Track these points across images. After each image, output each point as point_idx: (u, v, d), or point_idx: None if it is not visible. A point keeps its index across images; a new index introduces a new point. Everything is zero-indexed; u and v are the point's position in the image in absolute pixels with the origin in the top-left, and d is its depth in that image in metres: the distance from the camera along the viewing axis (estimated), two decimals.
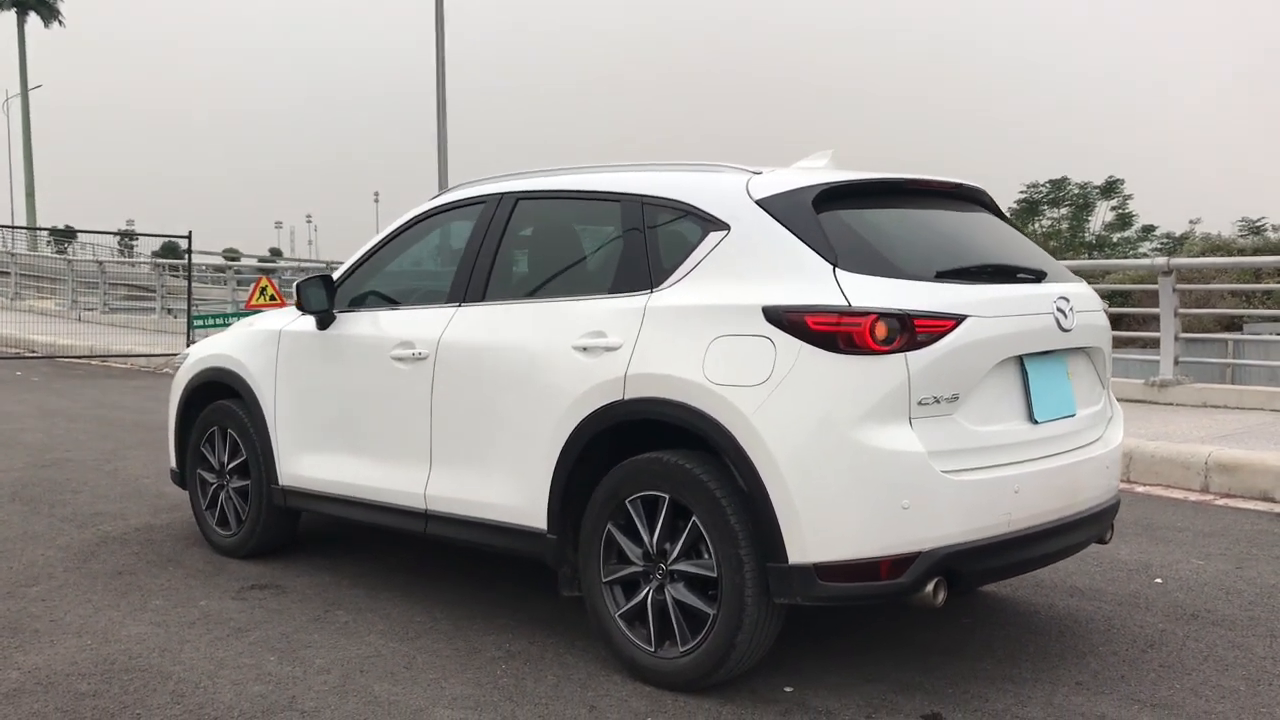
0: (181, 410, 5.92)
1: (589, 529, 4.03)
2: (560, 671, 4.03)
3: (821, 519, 3.49)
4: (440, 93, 19.75)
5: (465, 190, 4.92)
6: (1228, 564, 5.52)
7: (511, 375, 4.27)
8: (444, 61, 19.64)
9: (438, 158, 19.83)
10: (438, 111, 19.81)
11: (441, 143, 19.84)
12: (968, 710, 3.66)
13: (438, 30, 19.69)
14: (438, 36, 19.72)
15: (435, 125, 19.77)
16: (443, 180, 19.83)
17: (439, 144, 19.87)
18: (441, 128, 19.77)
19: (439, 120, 19.84)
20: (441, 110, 19.80)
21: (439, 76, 19.66)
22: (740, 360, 3.63)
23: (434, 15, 19.74)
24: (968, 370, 3.60)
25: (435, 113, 19.77)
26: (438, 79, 19.64)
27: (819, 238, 3.69)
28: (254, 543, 5.53)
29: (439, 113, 19.83)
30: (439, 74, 19.70)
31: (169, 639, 4.42)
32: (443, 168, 19.90)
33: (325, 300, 5.04)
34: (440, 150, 19.83)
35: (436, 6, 19.74)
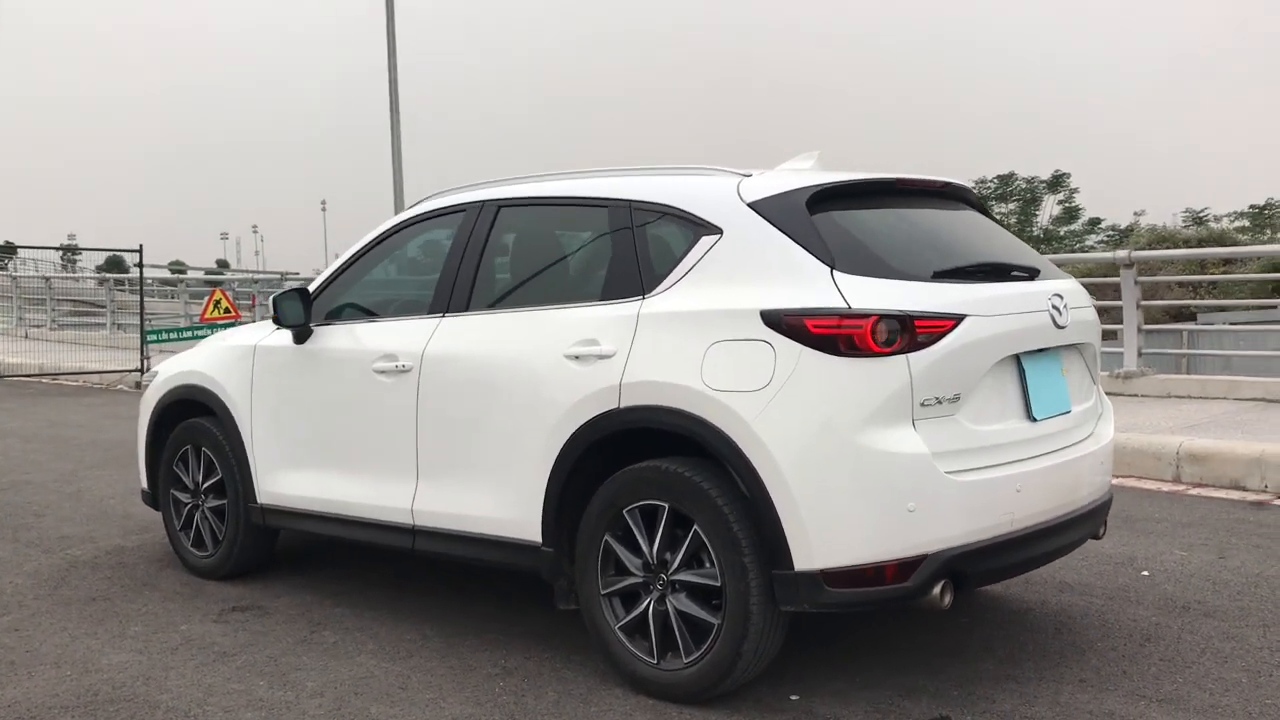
0: (152, 429, 5.78)
1: (585, 540, 3.96)
2: (560, 687, 3.96)
3: (827, 524, 3.45)
4: (393, 95, 19.50)
5: (444, 199, 4.83)
6: (1210, 554, 5.55)
7: (500, 386, 4.19)
8: (395, 61, 19.40)
9: (392, 166, 19.62)
10: (391, 120, 19.60)
11: (396, 151, 19.64)
12: (975, 712, 3.64)
13: (388, 31, 19.48)
14: (388, 37, 19.50)
15: (389, 134, 19.58)
16: (398, 188, 19.66)
17: (393, 152, 19.66)
18: (395, 136, 19.57)
19: (393, 127, 19.63)
20: (395, 116, 19.58)
21: (391, 81, 19.44)
22: (740, 365, 3.58)
23: (384, 19, 19.53)
24: (968, 370, 3.58)
25: (389, 120, 19.58)
26: (390, 85, 19.43)
27: (815, 240, 3.65)
28: (232, 563, 5.41)
29: (392, 120, 19.62)
30: (391, 79, 19.47)
31: (152, 666, 4.30)
32: (397, 177, 19.69)
33: (302, 314, 4.93)
34: (395, 157, 19.62)
35: (387, 10, 19.52)
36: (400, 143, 19.63)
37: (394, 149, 19.74)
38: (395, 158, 19.64)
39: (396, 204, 19.62)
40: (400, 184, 19.71)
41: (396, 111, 19.43)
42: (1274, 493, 7.00)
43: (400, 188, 19.71)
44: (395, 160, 19.64)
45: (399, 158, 19.74)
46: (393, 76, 19.46)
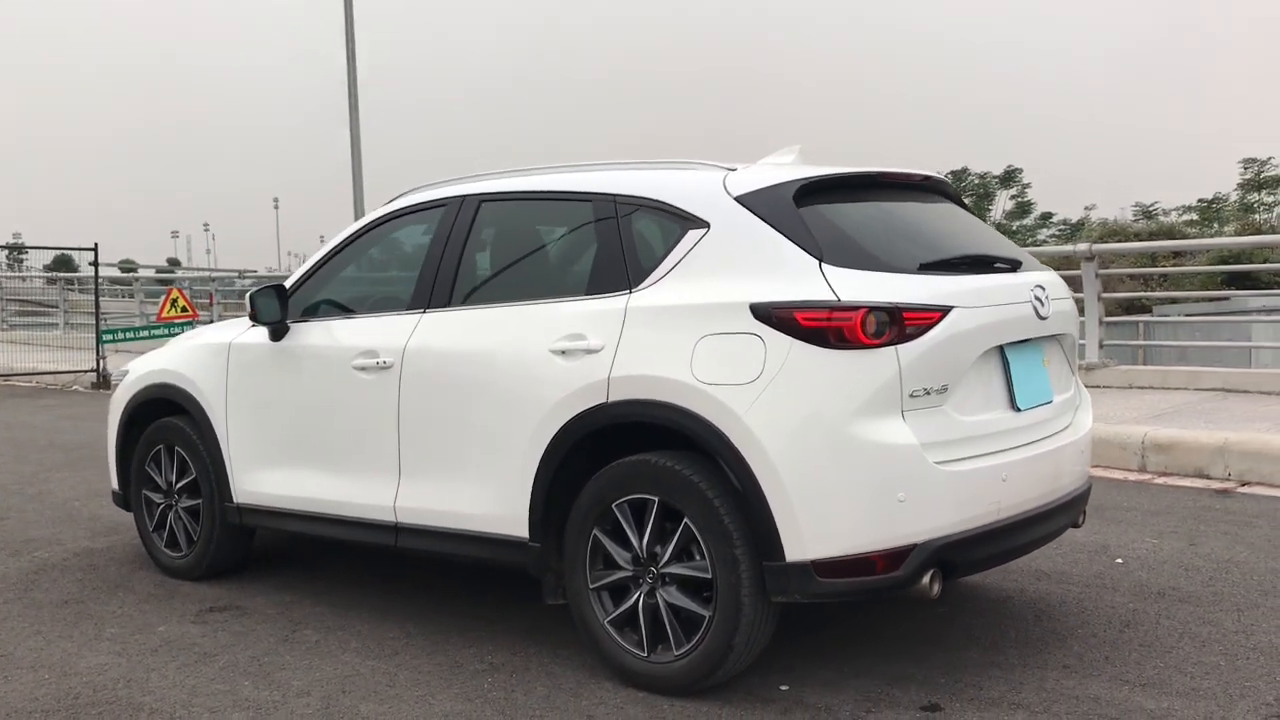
0: (123, 429, 5.70)
1: (573, 535, 3.96)
2: (549, 682, 3.96)
3: (818, 515, 3.47)
4: (351, 84, 19.29)
5: (423, 194, 4.80)
6: (1180, 541, 5.64)
7: (485, 381, 4.17)
8: (354, 54, 19.20)
9: (351, 163, 19.43)
10: (350, 115, 19.42)
11: (355, 147, 19.46)
12: (964, 700, 3.67)
13: (347, 22, 19.28)
14: (347, 29, 19.29)
15: (349, 132, 19.40)
16: (357, 183, 19.48)
17: (352, 149, 19.49)
18: (355, 131, 19.39)
19: (351, 123, 19.45)
20: (354, 112, 19.40)
21: (350, 72, 19.24)
22: (729, 358, 3.59)
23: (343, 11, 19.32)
24: (955, 361, 3.61)
25: (348, 115, 19.40)
26: (349, 76, 19.24)
27: (802, 233, 3.67)
28: (207, 563, 5.35)
29: (351, 116, 19.44)
30: (350, 70, 19.26)
31: (132, 668, 4.25)
32: (357, 171, 19.52)
33: (278, 310, 4.88)
34: (354, 154, 19.44)
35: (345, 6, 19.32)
36: (360, 141, 19.47)
37: (353, 147, 19.55)
38: (354, 152, 19.45)
39: (356, 198, 19.44)
40: (360, 178, 19.53)
41: (355, 111, 19.23)
42: (1237, 480, 7.12)
43: (359, 182, 19.52)
44: (354, 156, 19.46)
45: (358, 157, 19.55)
46: (351, 67, 19.26)
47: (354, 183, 19.34)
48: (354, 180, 19.35)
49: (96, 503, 7.38)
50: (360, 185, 19.47)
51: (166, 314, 17.16)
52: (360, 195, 19.35)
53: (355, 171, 19.45)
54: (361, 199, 19.38)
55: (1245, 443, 7.27)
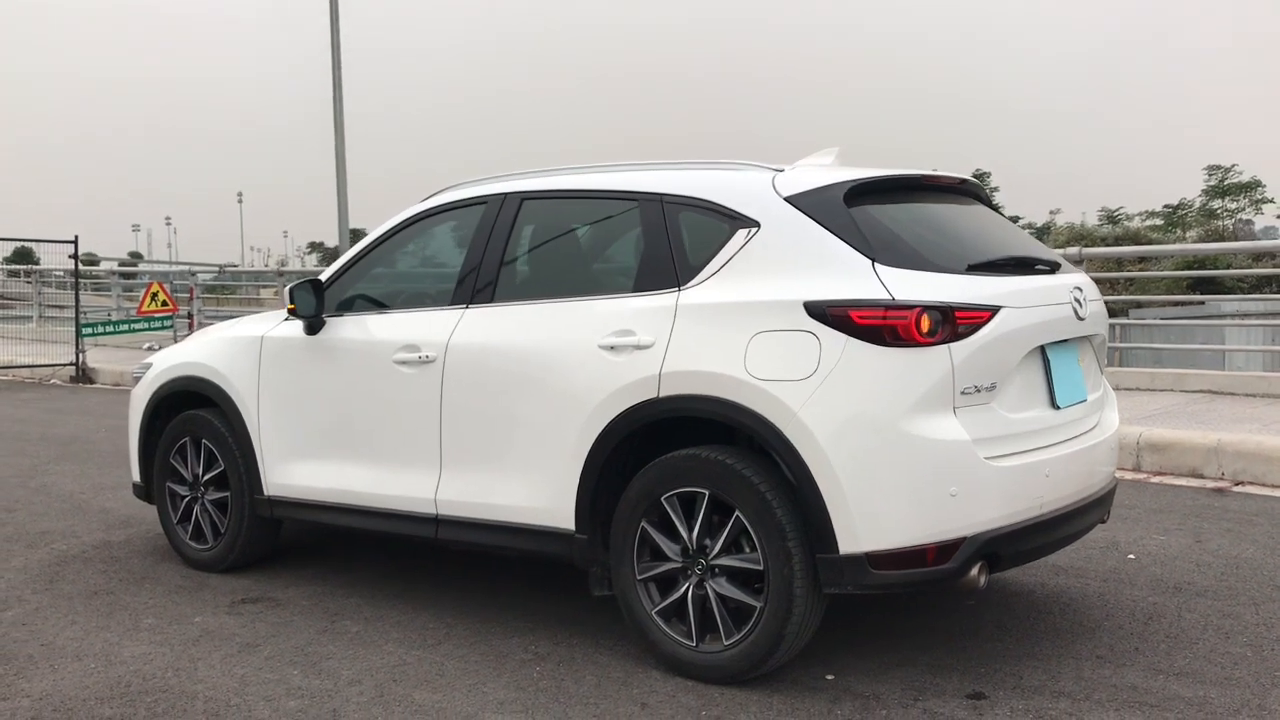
0: (146, 422, 5.71)
1: (621, 527, 4.03)
2: (597, 671, 4.03)
3: (873, 509, 3.57)
4: (336, 77, 19.23)
5: (459, 192, 4.86)
6: (1187, 538, 5.79)
7: (531, 376, 4.24)
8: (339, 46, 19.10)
9: (336, 163, 19.33)
10: (335, 109, 19.35)
11: (340, 144, 19.39)
12: (1006, 688, 3.79)
13: (332, 26, 19.23)
14: (333, 30, 19.24)
15: (333, 131, 19.32)
16: (341, 180, 19.40)
17: (337, 147, 19.41)
18: (339, 124, 19.31)
19: (336, 115, 19.36)
20: (338, 106, 19.32)
21: (335, 73, 19.20)
22: (784, 355, 3.68)
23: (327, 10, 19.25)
24: (1003, 359, 3.72)
25: (332, 109, 19.32)
26: (333, 70, 19.16)
27: (854, 233, 3.77)
28: (235, 555, 5.37)
29: (335, 110, 19.37)
30: (334, 62, 19.19)
31: (177, 657, 4.28)
32: (340, 170, 19.43)
33: (316, 305, 4.93)
34: (339, 151, 19.35)
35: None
36: (344, 138, 19.40)
37: (338, 145, 19.47)
38: (339, 151, 19.38)
39: (339, 195, 19.38)
40: (343, 174, 19.46)
41: (340, 115, 19.13)
42: (1231, 480, 7.30)
43: (343, 178, 19.45)
44: (339, 153, 19.39)
45: (342, 159, 19.45)
46: (336, 67, 19.20)
47: (338, 181, 19.27)
48: (338, 178, 19.27)
49: (105, 496, 7.38)
50: (344, 178, 19.39)
51: (147, 308, 17.06)
52: (344, 187, 19.26)
53: (339, 169, 19.38)
54: (345, 193, 19.31)
55: (1239, 443, 7.46)
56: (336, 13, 19.23)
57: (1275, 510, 6.45)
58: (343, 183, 19.36)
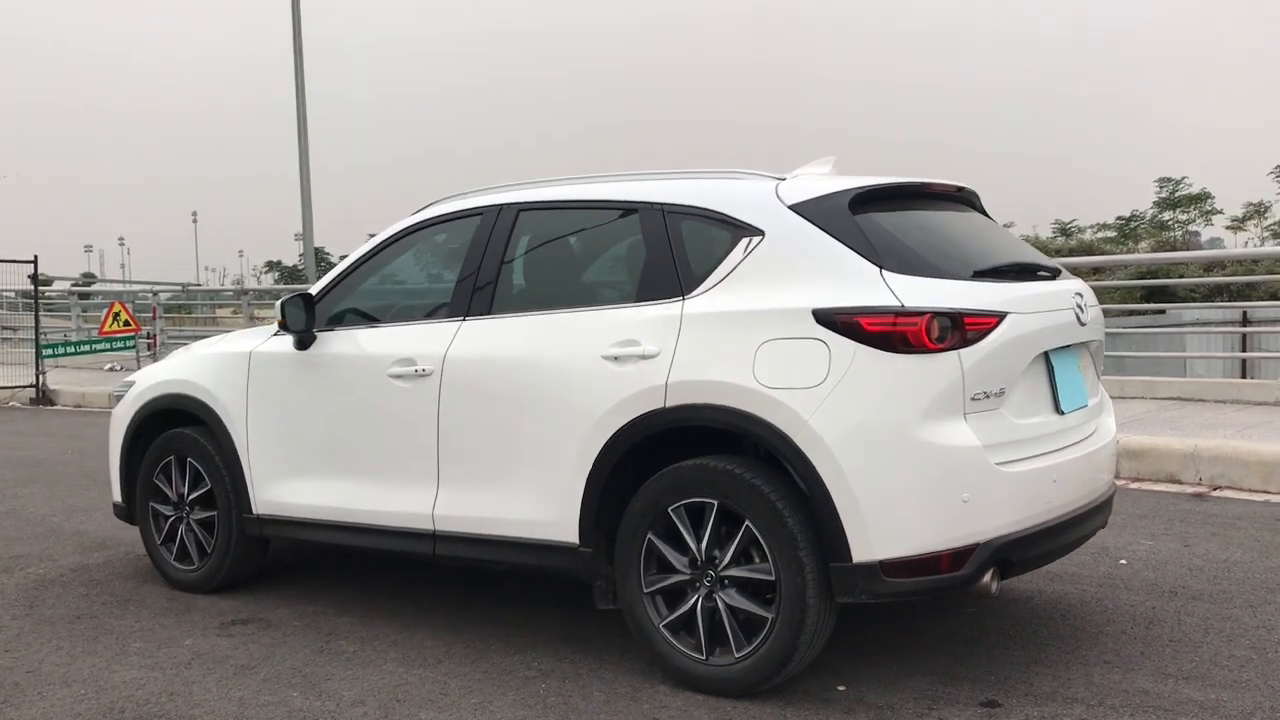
0: (129, 441, 5.59)
1: (626, 539, 3.99)
2: (603, 687, 3.98)
3: (886, 516, 3.55)
4: (300, 99, 19.09)
5: (452, 204, 4.81)
6: (1174, 543, 5.83)
7: (533, 388, 4.19)
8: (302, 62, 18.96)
9: (300, 175, 19.19)
10: (298, 125, 19.19)
11: (304, 158, 19.23)
12: (1019, 695, 3.78)
13: (295, 29, 19.05)
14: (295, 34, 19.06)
15: (296, 140, 19.15)
16: (305, 196, 19.23)
17: (300, 160, 19.26)
18: (303, 140, 19.15)
19: (300, 130, 19.20)
20: (302, 123, 19.17)
21: (298, 80, 19.01)
22: (793, 363, 3.66)
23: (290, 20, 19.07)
24: (1011, 365, 3.72)
25: (295, 125, 19.16)
26: (297, 86, 19.01)
27: (861, 241, 3.76)
28: (222, 576, 5.27)
29: (299, 126, 19.21)
30: (298, 76, 19.02)
31: (171, 681, 4.18)
32: (305, 184, 19.27)
33: (306, 319, 4.85)
34: (303, 169, 19.20)
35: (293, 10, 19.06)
36: (307, 154, 19.25)
37: (302, 167, 19.33)
38: (303, 169, 19.23)
39: (304, 212, 19.22)
40: (308, 192, 19.30)
41: (304, 134, 19.00)
42: (1209, 485, 7.37)
43: (308, 196, 19.29)
44: (304, 171, 19.24)
45: (307, 179, 19.29)
46: (300, 83, 19.05)
47: (302, 199, 19.09)
48: (302, 196, 19.10)
49: (78, 518, 7.23)
50: (308, 196, 19.22)
51: (109, 328, 16.80)
52: (309, 201, 19.09)
53: (304, 189, 19.22)
54: (310, 211, 19.15)
55: (1215, 449, 7.54)
56: (299, 19, 19.11)
57: (1257, 514, 6.51)
58: (307, 200, 19.20)
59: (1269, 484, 7.20)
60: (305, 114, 18.95)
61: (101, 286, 36.60)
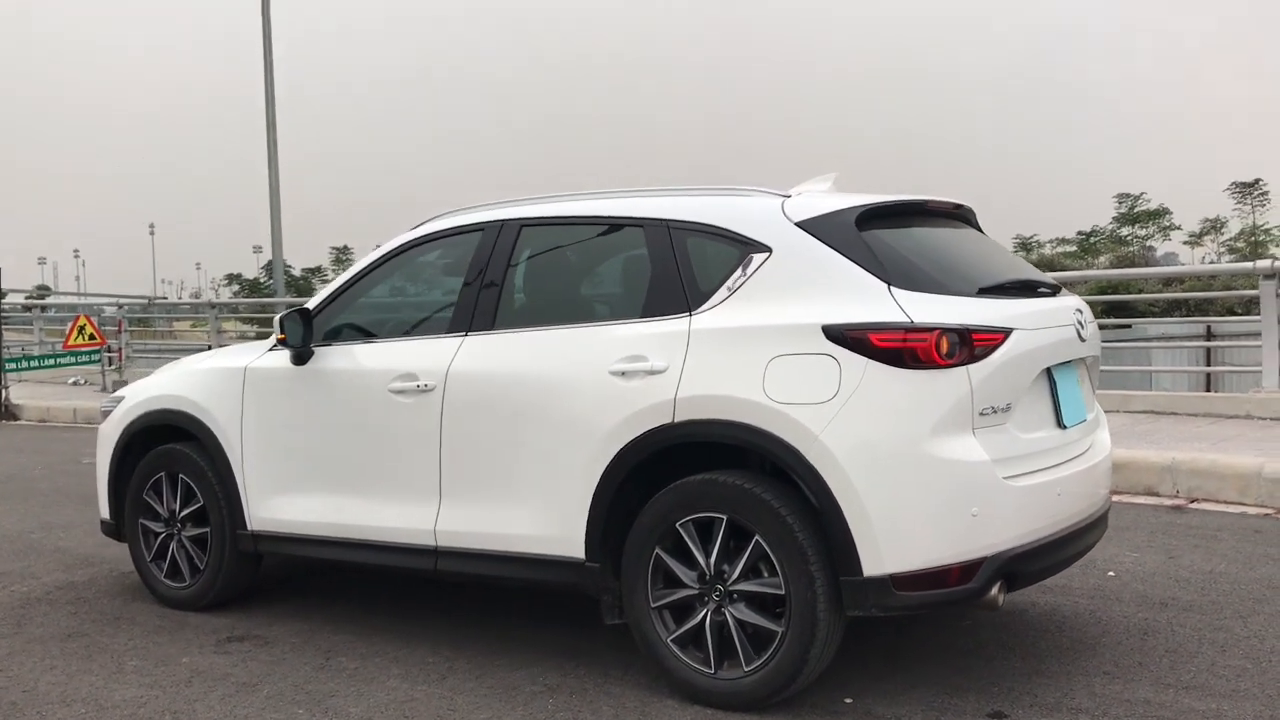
0: (118, 457, 5.53)
1: (633, 554, 4.00)
2: (611, 702, 3.98)
3: (896, 530, 3.59)
4: (270, 107, 18.96)
5: (452, 219, 4.81)
6: (1159, 555, 5.92)
7: (538, 403, 4.20)
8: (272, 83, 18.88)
9: (269, 192, 19.03)
10: (267, 133, 19.06)
11: (273, 171, 19.10)
12: (1024, 706, 3.82)
13: (265, 35, 18.94)
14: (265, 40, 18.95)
15: (265, 152, 19.02)
16: (275, 210, 19.09)
17: (270, 173, 19.13)
18: (272, 150, 19.02)
19: (269, 140, 19.06)
20: (271, 130, 19.03)
21: (268, 88, 18.89)
22: (803, 379, 3.70)
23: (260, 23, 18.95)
24: (1016, 381, 3.78)
25: (265, 135, 19.02)
26: (267, 96, 18.89)
27: (869, 258, 3.80)
28: (215, 593, 5.22)
29: (269, 134, 19.07)
30: (268, 84, 18.90)
31: (172, 700, 4.14)
32: (274, 200, 19.12)
33: (305, 334, 4.83)
34: (272, 187, 19.05)
35: (263, 17, 18.94)
36: (277, 168, 19.13)
37: (271, 176, 19.20)
38: (272, 174, 19.09)
39: (274, 221, 19.07)
40: (277, 204, 19.14)
41: (273, 142, 18.89)
42: (1186, 497, 7.49)
43: (276, 211, 19.15)
44: (272, 181, 19.10)
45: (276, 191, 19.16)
46: (269, 95, 18.94)
47: (271, 210, 18.95)
48: (271, 208, 18.96)
49: (57, 535, 7.14)
50: (277, 206, 19.06)
51: (74, 342, 16.61)
52: (277, 213, 18.93)
53: (273, 199, 19.08)
54: (279, 224, 19.00)
55: (1192, 461, 7.66)
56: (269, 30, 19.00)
57: (1236, 525, 6.62)
58: (276, 210, 19.07)
59: (1245, 496, 7.32)
60: (274, 118, 18.85)
61: (67, 300, 35.97)
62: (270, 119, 18.89)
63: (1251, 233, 69.57)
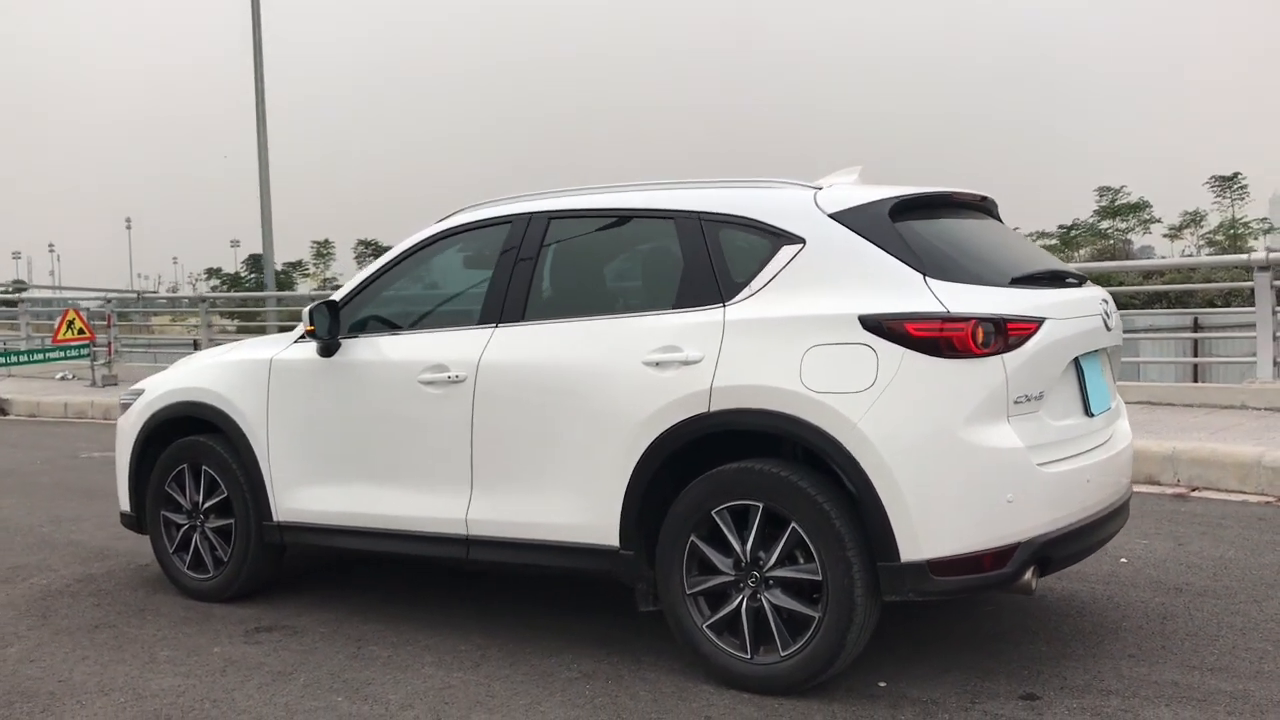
0: (139, 449, 5.54)
1: (667, 542, 4.06)
2: (648, 688, 4.04)
3: (933, 517, 3.65)
4: (260, 103, 18.88)
5: (479, 212, 4.84)
6: (1167, 542, 6.01)
7: (571, 393, 4.25)
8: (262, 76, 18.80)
9: (259, 188, 18.95)
10: (258, 127, 18.98)
11: (263, 166, 19.03)
12: (1055, 688, 3.90)
13: (255, 32, 18.87)
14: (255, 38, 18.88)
15: (255, 143, 18.94)
16: (265, 206, 19.03)
17: (260, 167, 19.06)
18: (262, 135, 18.92)
19: (259, 135, 18.99)
20: (261, 122, 18.93)
21: (258, 84, 18.81)
22: (841, 368, 3.76)
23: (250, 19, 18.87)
24: (1048, 369, 3.85)
25: (255, 130, 18.95)
26: (257, 88, 18.80)
27: (903, 249, 3.86)
28: (239, 584, 5.24)
29: (259, 127, 18.99)
30: (258, 81, 18.82)
31: (211, 689, 4.17)
32: (265, 199, 19.05)
33: (333, 327, 4.86)
34: (262, 180, 18.98)
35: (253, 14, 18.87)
36: (267, 160, 19.06)
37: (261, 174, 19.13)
38: (262, 179, 19.03)
39: (264, 222, 19.03)
40: (267, 200, 19.10)
41: (264, 131, 18.83)
42: (1188, 486, 7.60)
43: (267, 206, 19.10)
44: (263, 177, 19.04)
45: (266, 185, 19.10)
46: (259, 89, 18.88)
47: (262, 204, 18.90)
48: (262, 205, 18.91)
49: (68, 528, 7.14)
50: (268, 204, 19.01)
51: (62, 336, 16.54)
52: (268, 208, 18.90)
53: (264, 196, 19.03)
54: (270, 216, 18.96)
55: (1192, 451, 7.77)
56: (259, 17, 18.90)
57: (1239, 513, 6.73)
58: (267, 208, 19.01)
59: (1245, 485, 7.43)
60: (264, 112, 18.78)
61: (53, 294, 35.72)
62: (260, 114, 18.81)
63: (1231, 225, 70.42)
